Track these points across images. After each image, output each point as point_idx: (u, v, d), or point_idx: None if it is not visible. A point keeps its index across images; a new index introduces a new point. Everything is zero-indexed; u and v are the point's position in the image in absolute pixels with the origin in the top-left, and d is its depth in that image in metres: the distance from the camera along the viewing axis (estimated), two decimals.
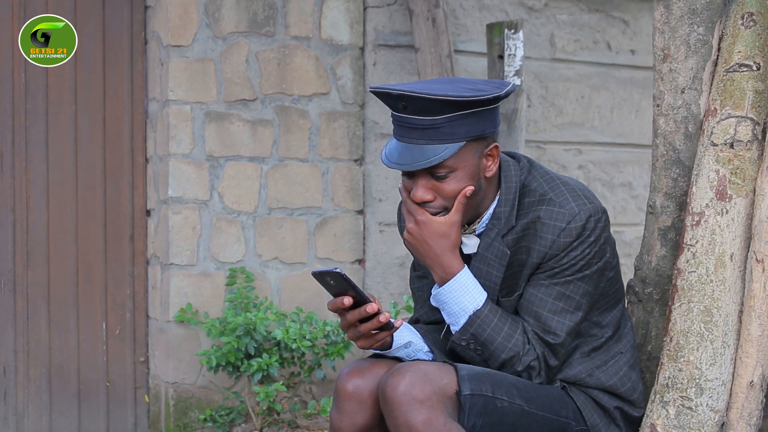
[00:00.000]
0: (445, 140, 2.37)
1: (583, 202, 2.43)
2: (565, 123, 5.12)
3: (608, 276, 2.51)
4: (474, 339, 2.45)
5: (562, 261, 2.42)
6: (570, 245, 2.41)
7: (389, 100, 2.40)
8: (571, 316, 2.44)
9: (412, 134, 2.38)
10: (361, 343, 2.39)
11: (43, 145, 4.45)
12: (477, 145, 2.41)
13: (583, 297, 2.45)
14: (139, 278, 4.57)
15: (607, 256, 2.48)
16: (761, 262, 2.47)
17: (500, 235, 2.47)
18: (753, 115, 2.55)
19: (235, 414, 4.32)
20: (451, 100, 2.34)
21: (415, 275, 2.66)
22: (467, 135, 2.38)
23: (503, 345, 2.43)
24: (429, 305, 2.60)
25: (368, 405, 2.42)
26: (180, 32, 4.40)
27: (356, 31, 4.67)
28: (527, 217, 2.45)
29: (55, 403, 4.49)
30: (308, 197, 4.59)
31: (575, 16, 5.12)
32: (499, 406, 2.37)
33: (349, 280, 2.30)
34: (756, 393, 2.52)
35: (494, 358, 2.45)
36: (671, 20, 2.67)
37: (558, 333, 2.43)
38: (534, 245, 2.43)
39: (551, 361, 2.45)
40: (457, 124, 2.37)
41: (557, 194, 2.45)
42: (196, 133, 4.42)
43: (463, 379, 2.34)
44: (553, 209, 2.43)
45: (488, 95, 2.37)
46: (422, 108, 2.35)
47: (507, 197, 2.47)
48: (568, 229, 2.41)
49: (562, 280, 2.43)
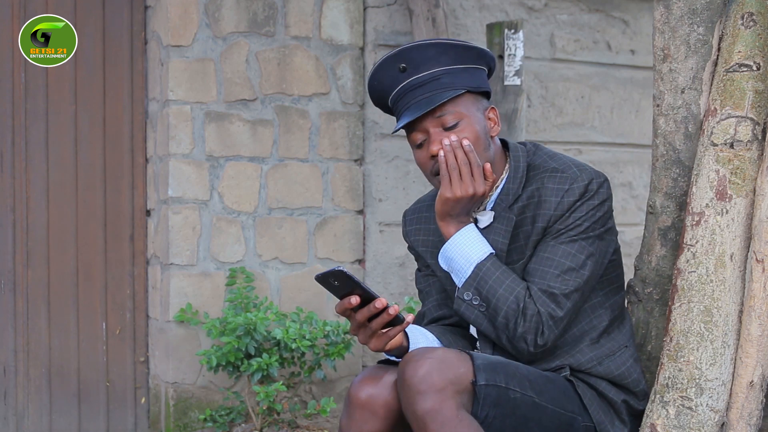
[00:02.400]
0: (447, 88, 2.49)
1: (584, 168, 2.52)
2: (565, 123, 5.12)
3: (611, 257, 2.55)
4: (477, 293, 2.47)
5: (567, 221, 2.48)
6: (573, 204, 2.47)
7: (390, 71, 2.52)
8: (577, 274, 2.47)
9: (416, 94, 2.50)
10: (373, 343, 2.37)
11: (43, 145, 4.45)
12: (477, 100, 2.54)
13: (588, 258, 2.48)
14: (139, 278, 4.57)
15: (610, 225, 2.53)
16: (761, 262, 2.47)
17: (508, 206, 2.53)
18: (753, 115, 2.55)
19: (235, 414, 4.32)
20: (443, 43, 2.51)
21: (422, 275, 2.70)
22: (466, 85, 2.51)
23: (504, 297, 2.45)
24: (437, 300, 2.64)
25: (380, 415, 2.41)
26: (180, 32, 4.40)
27: (356, 31, 4.67)
28: (532, 185, 2.53)
29: (55, 403, 4.49)
30: (308, 197, 4.59)
31: (575, 16, 5.12)
32: (512, 397, 2.38)
33: (353, 277, 2.28)
34: (756, 393, 2.52)
35: (497, 313, 2.46)
36: (671, 20, 2.67)
37: (563, 288, 2.46)
38: (539, 211, 2.50)
39: (556, 313, 2.45)
40: (454, 75, 2.50)
41: (560, 164, 2.54)
42: (196, 133, 4.42)
43: (479, 369, 2.35)
44: (556, 175, 2.51)
45: (474, 45, 2.55)
46: (420, 61, 2.49)
47: (515, 175, 2.55)
48: (571, 189, 2.48)
49: (567, 239, 2.48)
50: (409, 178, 4.73)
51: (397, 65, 2.51)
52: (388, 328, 2.37)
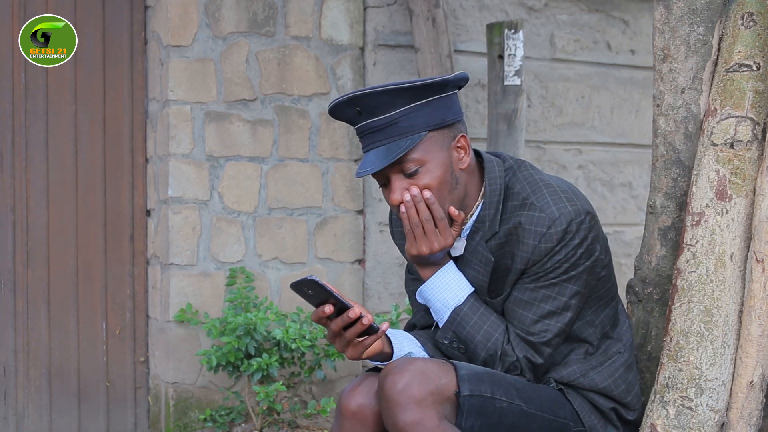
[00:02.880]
0: (406, 134, 2.36)
1: (564, 206, 2.40)
2: (565, 123, 5.12)
3: (599, 274, 2.48)
4: (456, 336, 2.44)
5: (545, 265, 2.40)
6: (552, 250, 2.39)
7: (346, 112, 2.40)
8: (558, 318, 2.42)
9: (375, 138, 2.38)
10: (350, 352, 2.34)
11: (43, 145, 4.45)
12: (441, 137, 2.40)
13: (571, 298, 2.42)
14: (139, 278, 4.57)
15: (597, 253, 2.44)
16: (761, 262, 2.47)
17: (484, 240, 2.45)
18: (753, 115, 2.55)
19: (235, 414, 4.32)
20: (397, 89, 2.35)
21: (410, 278, 2.64)
22: (427, 125, 2.37)
23: (482, 343, 2.42)
24: (425, 308, 2.59)
25: (370, 425, 2.39)
26: (180, 32, 4.40)
27: (356, 31, 4.67)
28: (509, 222, 2.43)
29: (55, 403, 4.49)
30: (308, 197, 4.59)
31: (575, 16, 5.12)
32: (498, 407, 2.36)
33: (326, 286, 2.25)
34: (756, 393, 2.52)
35: (475, 357, 2.44)
36: (671, 20, 2.67)
37: (542, 335, 2.41)
38: (517, 251, 2.41)
39: (536, 360, 2.43)
40: (414, 116, 2.36)
41: (538, 198, 2.42)
42: (196, 133, 4.42)
43: (462, 380, 2.33)
44: (534, 214, 2.40)
45: (433, 79, 2.38)
46: (374, 106, 2.36)
47: (491, 200, 2.45)
48: (548, 234, 2.38)
49: (547, 283, 2.41)
50: None
51: (353, 108, 2.39)
52: (363, 337, 2.34)
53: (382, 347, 2.42)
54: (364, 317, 2.30)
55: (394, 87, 2.35)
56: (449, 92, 2.41)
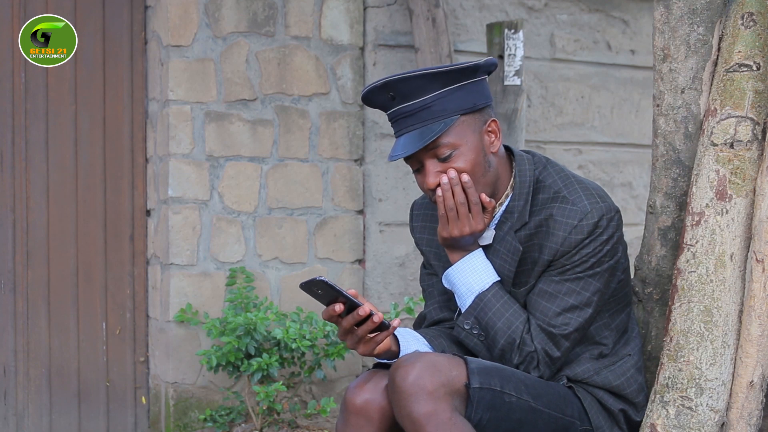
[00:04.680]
0: (438, 117, 2.42)
1: (596, 200, 2.46)
2: (565, 123, 5.12)
3: (619, 277, 2.52)
4: (477, 322, 2.47)
5: (573, 258, 2.44)
6: (581, 242, 2.43)
7: (379, 98, 2.45)
8: (580, 312, 2.45)
9: (408, 122, 2.43)
10: (361, 349, 2.38)
11: (43, 145, 4.45)
12: (473, 121, 2.45)
13: (594, 294, 2.46)
14: (139, 278, 4.57)
15: (619, 255, 2.50)
16: (761, 262, 2.47)
17: (513, 230, 2.49)
18: (753, 115, 2.55)
19: (235, 414, 4.32)
20: (431, 73, 2.41)
21: (426, 273, 2.68)
22: (459, 109, 2.43)
23: (503, 330, 2.45)
24: (438, 302, 2.63)
25: (375, 420, 2.40)
26: (180, 32, 4.40)
27: (356, 31, 4.67)
28: (541, 214, 2.47)
29: (55, 403, 4.49)
30: (308, 197, 4.59)
31: (575, 16, 5.12)
32: (507, 401, 2.37)
33: (335, 286, 2.29)
34: (756, 393, 2.52)
35: (494, 344, 2.46)
36: (671, 20, 2.67)
37: (563, 327, 2.44)
38: (546, 242, 2.45)
39: (553, 353, 2.45)
40: (446, 100, 2.42)
41: (571, 192, 2.47)
42: (196, 133, 4.42)
43: (472, 372, 2.34)
44: (566, 206, 2.45)
45: (465, 64, 2.43)
46: (408, 91, 2.42)
47: (521, 191, 2.49)
48: (579, 226, 2.43)
49: (573, 276, 2.45)
50: (409, 177, 4.72)
51: (386, 94, 2.44)
52: (375, 333, 2.37)
53: (389, 345, 2.44)
54: (374, 315, 2.33)
55: (427, 71, 2.41)
56: (480, 77, 2.46)
